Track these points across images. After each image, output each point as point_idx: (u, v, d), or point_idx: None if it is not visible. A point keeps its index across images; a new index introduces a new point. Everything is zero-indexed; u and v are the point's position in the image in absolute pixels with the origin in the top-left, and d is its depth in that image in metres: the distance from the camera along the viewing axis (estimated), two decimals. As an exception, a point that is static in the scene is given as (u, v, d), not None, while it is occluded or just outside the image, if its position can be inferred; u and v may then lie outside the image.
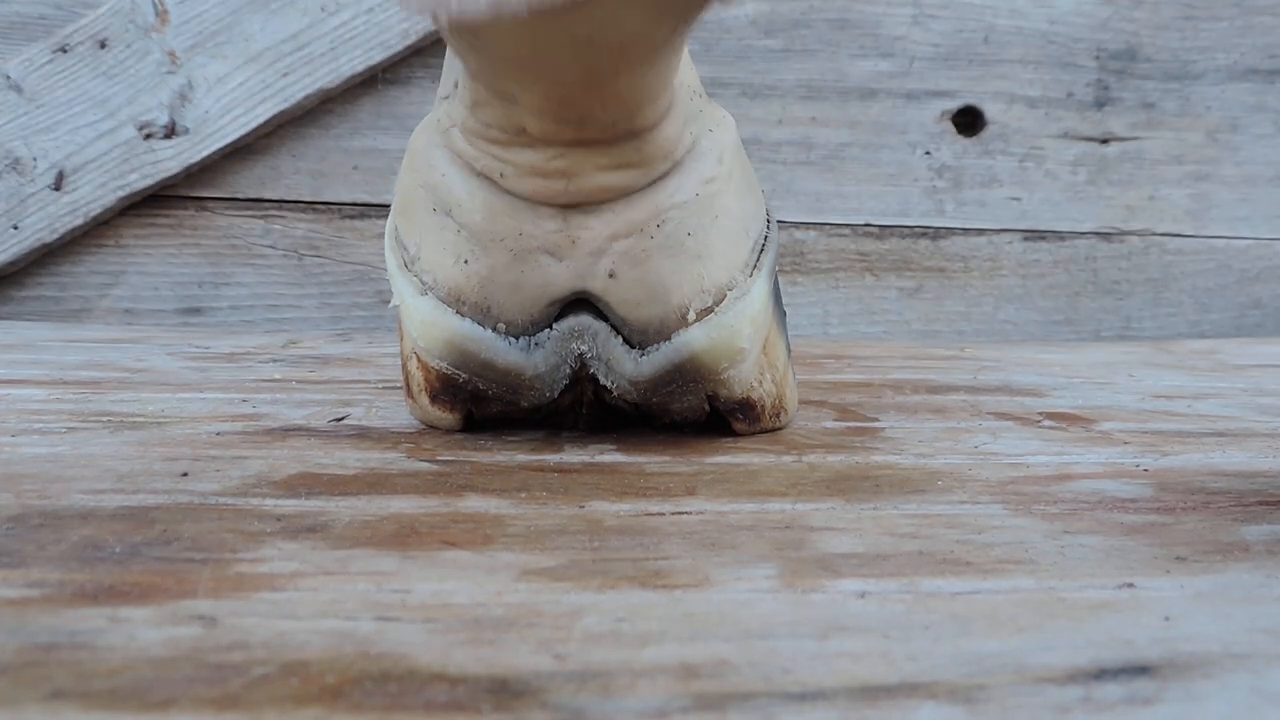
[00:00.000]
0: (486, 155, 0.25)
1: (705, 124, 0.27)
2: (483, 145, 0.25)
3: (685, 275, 0.26)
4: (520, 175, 0.25)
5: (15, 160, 0.64)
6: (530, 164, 0.25)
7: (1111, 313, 0.75)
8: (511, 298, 0.26)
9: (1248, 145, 0.76)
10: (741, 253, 0.27)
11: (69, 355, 0.47)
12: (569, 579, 0.18)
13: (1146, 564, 0.19)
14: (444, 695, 0.13)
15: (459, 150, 0.26)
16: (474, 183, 0.26)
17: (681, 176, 0.26)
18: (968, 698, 0.14)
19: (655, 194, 0.26)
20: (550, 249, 0.26)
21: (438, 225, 0.27)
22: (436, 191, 0.26)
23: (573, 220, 0.26)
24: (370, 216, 0.69)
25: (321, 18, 0.65)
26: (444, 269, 0.27)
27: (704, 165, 0.27)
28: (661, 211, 0.26)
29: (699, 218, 0.26)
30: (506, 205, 0.26)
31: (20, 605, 0.16)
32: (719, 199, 0.27)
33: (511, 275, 0.26)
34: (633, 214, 0.26)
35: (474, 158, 0.26)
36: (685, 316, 0.26)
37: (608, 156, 0.25)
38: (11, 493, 0.23)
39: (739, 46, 0.70)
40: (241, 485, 0.24)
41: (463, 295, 0.26)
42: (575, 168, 0.25)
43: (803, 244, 0.72)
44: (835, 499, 0.24)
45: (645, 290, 0.26)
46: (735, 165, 0.28)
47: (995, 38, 0.72)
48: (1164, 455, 0.29)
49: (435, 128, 0.27)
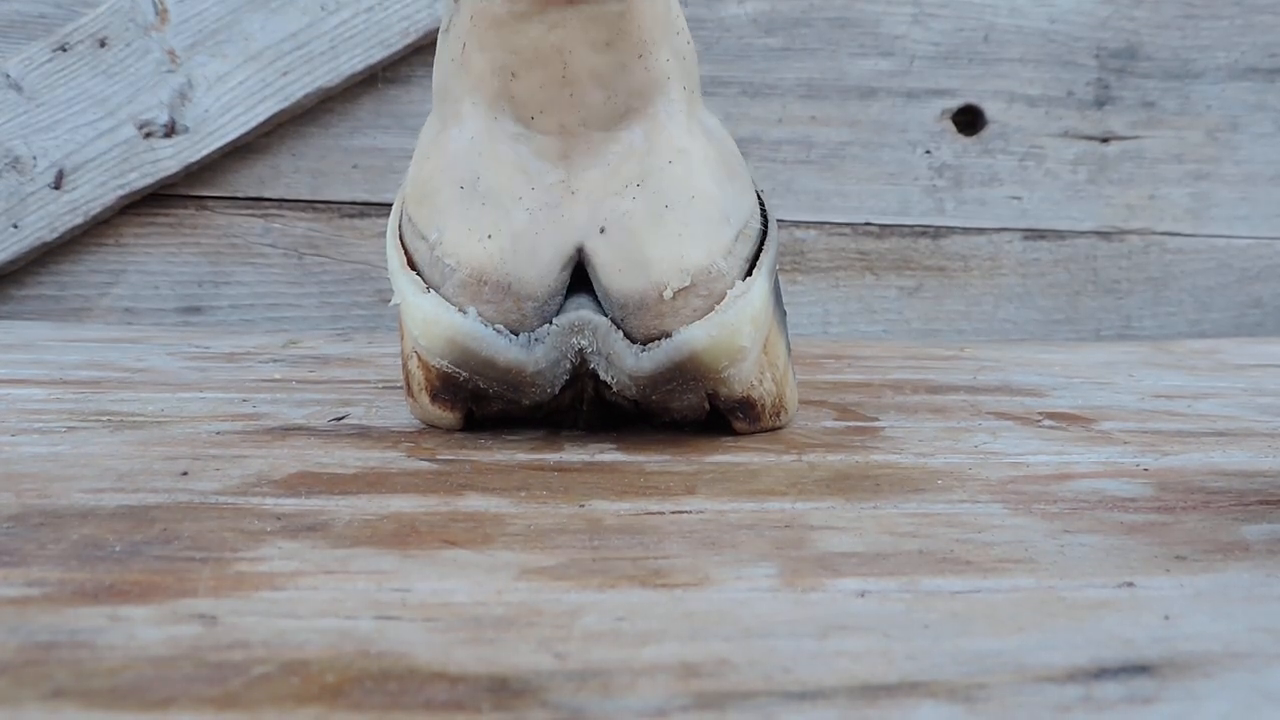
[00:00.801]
0: (495, 47, 0.27)
1: (683, 81, 0.28)
2: (490, 35, 0.27)
3: (665, 249, 0.27)
4: (525, 66, 0.27)
5: (15, 159, 0.64)
6: (532, 45, 0.26)
7: (1111, 312, 0.75)
8: (531, 267, 0.27)
9: (1248, 144, 0.76)
10: (722, 238, 0.28)
11: (69, 355, 0.47)
12: (569, 578, 0.18)
13: (1146, 563, 0.19)
14: (444, 694, 0.13)
15: (473, 68, 0.27)
16: (493, 128, 0.27)
17: (657, 129, 0.28)
18: (967, 697, 0.14)
19: (635, 144, 0.27)
20: (556, 202, 0.27)
21: (463, 203, 0.27)
22: (463, 160, 0.27)
23: (574, 170, 0.27)
24: (370, 215, 0.69)
25: (321, 16, 0.64)
26: (467, 249, 0.27)
27: (675, 127, 0.28)
28: (644, 169, 0.27)
29: (676, 191, 0.27)
30: (518, 157, 0.27)
31: (21, 604, 0.16)
32: (694, 179, 0.28)
33: (528, 241, 0.27)
34: (623, 166, 0.27)
35: (485, 65, 0.27)
36: (663, 294, 0.27)
37: (595, 24, 0.26)
38: (12, 492, 0.23)
39: (739, 45, 0.70)
40: (241, 484, 0.24)
41: (485, 275, 0.27)
42: (569, 42, 0.26)
43: (803, 243, 0.72)
44: (835, 498, 0.24)
45: (627, 257, 0.27)
46: (710, 148, 0.29)
47: (995, 36, 0.72)
48: (1164, 455, 0.29)
49: (448, 55, 0.28)
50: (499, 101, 0.27)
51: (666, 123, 0.28)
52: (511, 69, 0.27)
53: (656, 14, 0.27)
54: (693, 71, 0.29)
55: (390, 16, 0.65)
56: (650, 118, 0.28)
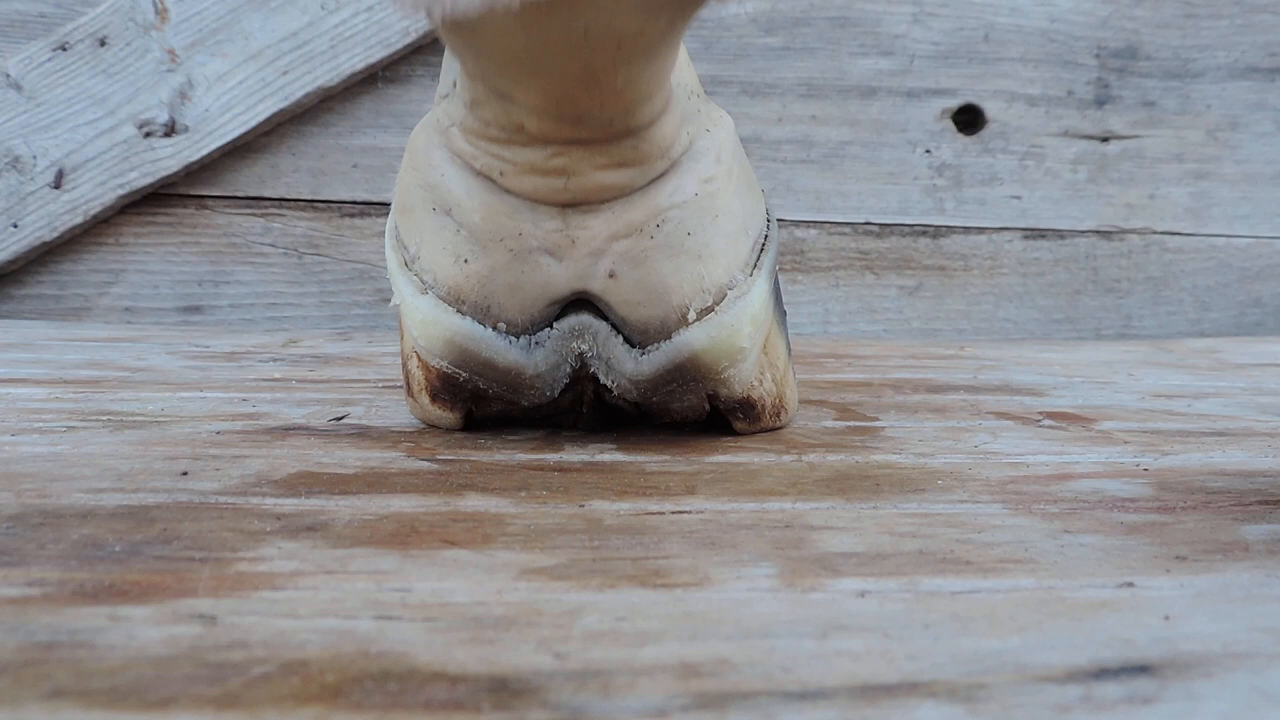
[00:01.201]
0: (485, 154, 0.25)
1: (703, 124, 0.27)
2: (482, 144, 0.25)
3: (685, 275, 0.26)
4: (519, 174, 0.25)
5: (15, 158, 0.64)
6: (529, 162, 0.25)
7: (1111, 311, 0.75)
8: (511, 298, 0.26)
9: (1248, 143, 0.76)
10: (742, 252, 0.27)
11: (69, 354, 0.46)
12: (569, 578, 0.18)
13: (1146, 563, 0.19)
14: (444, 694, 0.13)
15: (458, 149, 0.26)
16: (474, 182, 0.26)
17: (680, 176, 0.26)
18: (968, 697, 0.14)
19: (654, 194, 0.26)
20: (550, 249, 0.26)
21: (437, 225, 0.27)
22: (436, 191, 0.27)
23: (572, 220, 0.26)
24: (370, 215, 0.69)
25: (321, 16, 0.64)
26: (443, 268, 0.27)
27: (702, 165, 0.27)
28: (661, 211, 0.26)
29: (699, 217, 0.26)
30: (506, 205, 0.26)
31: (20, 604, 0.16)
32: (718, 198, 0.27)
33: (511, 275, 0.26)
34: (632, 214, 0.26)
35: (473, 156, 0.26)
36: (686, 316, 0.26)
37: (605, 155, 0.25)
38: (11, 491, 0.23)
39: (739, 45, 0.70)
40: (241, 484, 0.24)
41: (462, 295, 0.26)
42: (574, 166, 0.25)
43: (803, 242, 0.72)
44: (835, 498, 0.24)
45: (645, 291, 0.26)
46: (734, 164, 0.28)
47: (995, 36, 0.72)
48: (1164, 454, 0.29)
49: (434, 127, 0.27)
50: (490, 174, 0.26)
51: (692, 166, 0.26)
52: (502, 170, 0.25)
53: (675, 120, 0.26)
54: (694, 80, 0.28)
55: (390, 16, 0.65)
56: (669, 176, 0.26)
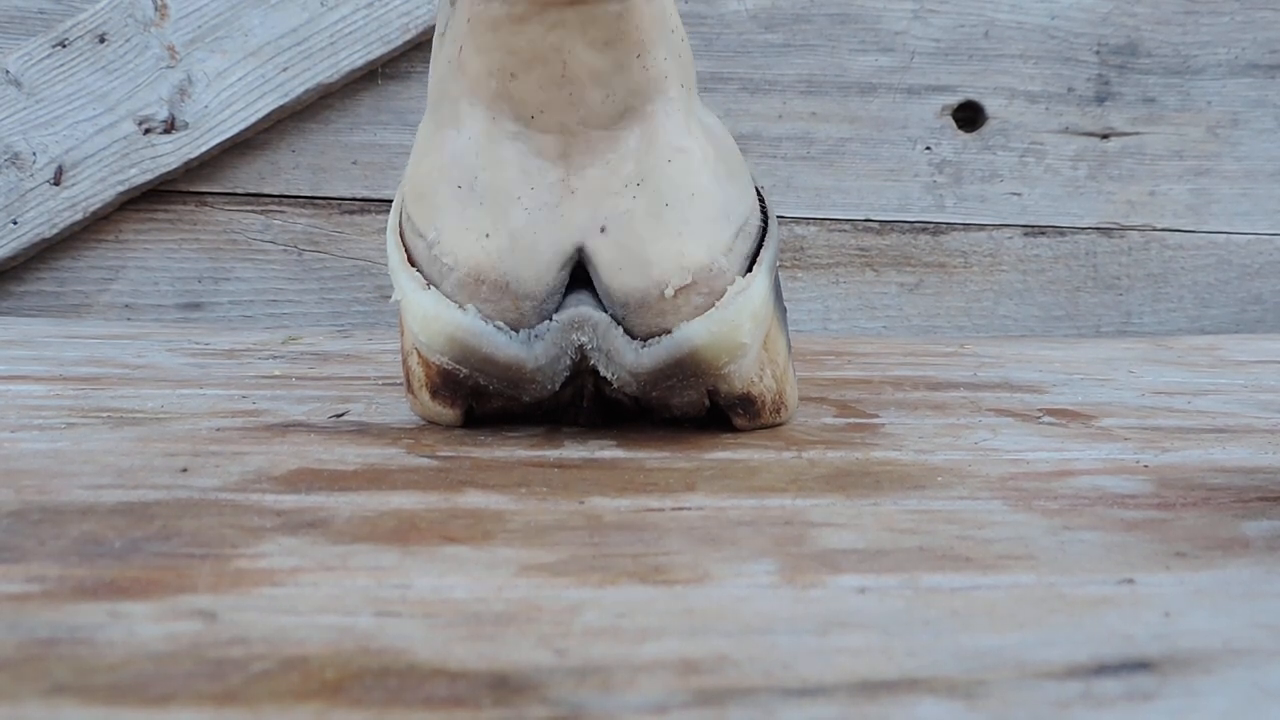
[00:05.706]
0: (494, 51, 0.27)
1: (682, 80, 0.29)
2: (487, 37, 0.27)
3: (664, 247, 0.27)
4: (524, 67, 0.27)
5: (14, 155, 0.63)
6: (530, 48, 0.26)
7: (1112, 308, 0.75)
8: (529, 267, 0.27)
9: (1248, 140, 0.76)
10: (722, 235, 0.28)
11: (69, 351, 0.46)
12: (569, 574, 0.18)
13: (1146, 560, 0.19)
14: (444, 690, 0.13)
15: (470, 71, 0.27)
16: (492, 129, 0.27)
17: (659, 125, 0.28)
18: (968, 693, 0.14)
19: (634, 141, 0.28)
20: (556, 201, 0.27)
21: (460, 202, 0.27)
22: (459, 162, 0.28)
23: (573, 166, 0.27)
24: (370, 211, 0.69)
25: (321, 12, 0.64)
26: (465, 248, 0.27)
27: (676, 124, 0.28)
28: (642, 169, 0.27)
29: (675, 191, 0.27)
30: (516, 154, 0.27)
31: (20, 600, 0.16)
32: (693, 177, 0.28)
33: (527, 240, 0.27)
34: (623, 166, 0.27)
35: (483, 75, 0.27)
36: (665, 293, 0.27)
37: (594, 26, 0.26)
38: (11, 488, 0.23)
39: (739, 41, 0.70)
40: (241, 481, 0.24)
41: (483, 274, 0.27)
42: (566, 43, 0.26)
43: (803, 239, 0.72)
44: (835, 495, 0.24)
45: (628, 256, 0.27)
46: (710, 147, 0.29)
47: (996, 32, 0.72)
48: (1164, 451, 0.29)
49: (444, 58, 0.28)
50: (497, 102, 0.27)
51: (665, 122, 0.28)
52: (510, 70, 0.27)
53: (654, 14, 0.28)
54: (689, 70, 0.29)
55: (390, 12, 0.65)
56: (649, 117, 0.28)
